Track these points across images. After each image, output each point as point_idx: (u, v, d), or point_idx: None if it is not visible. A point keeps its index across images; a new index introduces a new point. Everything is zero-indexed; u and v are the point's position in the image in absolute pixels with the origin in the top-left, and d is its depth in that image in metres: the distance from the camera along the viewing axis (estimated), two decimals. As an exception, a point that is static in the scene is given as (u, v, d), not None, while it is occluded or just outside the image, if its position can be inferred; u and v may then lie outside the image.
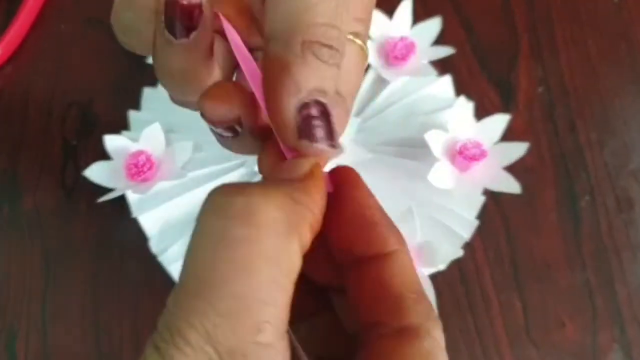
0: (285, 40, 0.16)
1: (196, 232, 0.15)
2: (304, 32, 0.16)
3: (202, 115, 0.18)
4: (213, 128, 0.19)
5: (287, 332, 0.15)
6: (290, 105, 0.16)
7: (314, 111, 0.16)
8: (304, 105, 0.16)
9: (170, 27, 0.17)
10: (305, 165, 0.17)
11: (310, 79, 0.16)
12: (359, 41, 0.19)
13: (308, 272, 0.18)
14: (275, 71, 0.16)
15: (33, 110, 0.45)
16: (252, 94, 0.18)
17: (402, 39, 0.41)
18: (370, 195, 0.18)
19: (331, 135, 0.16)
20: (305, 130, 0.16)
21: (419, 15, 0.43)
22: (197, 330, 0.13)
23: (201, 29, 0.17)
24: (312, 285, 0.19)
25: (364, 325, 0.16)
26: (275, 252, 0.14)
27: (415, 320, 0.16)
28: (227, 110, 0.18)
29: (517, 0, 0.48)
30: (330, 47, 0.16)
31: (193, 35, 0.17)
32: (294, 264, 0.15)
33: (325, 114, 0.16)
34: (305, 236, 0.15)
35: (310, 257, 0.16)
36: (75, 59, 0.47)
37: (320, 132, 0.16)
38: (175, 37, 0.17)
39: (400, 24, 0.42)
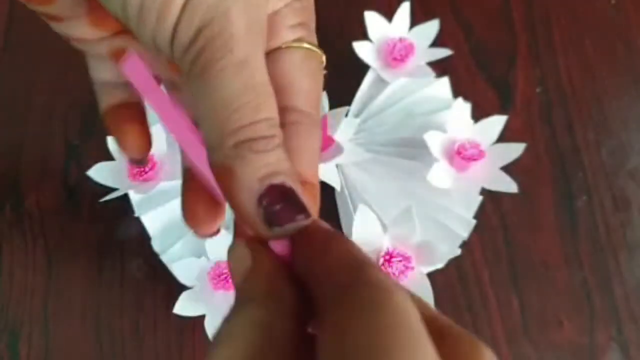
0: (220, 149, 0.17)
1: None
2: (233, 137, 0.17)
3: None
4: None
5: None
6: (249, 204, 0.16)
7: (272, 196, 0.16)
8: (262, 196, 0.16)
9: None
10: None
11: (256, 172, 0.16)
12: (305, 44, 0.20)
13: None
14: (223, 178, 0.17)
15: (35, 110, 0.46)
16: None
17: (401, 40, 0.42)
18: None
19: (300, 209, 0.17)
20: (271, 219, 0.16)
21: (417, 17, 0.43)
22: None
23: None
24: None
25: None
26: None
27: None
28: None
29: (516, 2, 0.48)
30: (262, 137, 0.17)
31: None
32: None
33: (286, 192, 0.17)
34: None
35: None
36: (77, 59, 0.47)
37: (285, 214, 0.17)
38: None
39: (399, 25, 0.43)
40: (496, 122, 0.40)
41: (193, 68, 0.17)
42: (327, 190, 0.38)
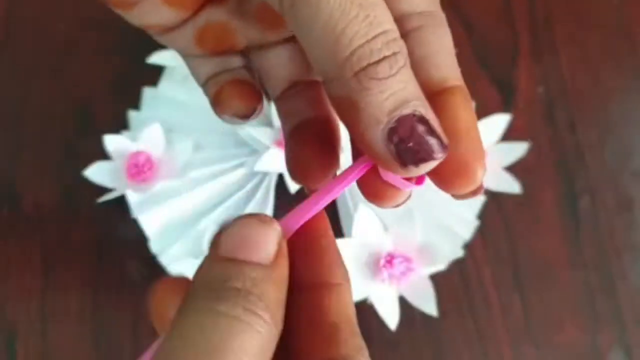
0: (338, 80, 0.15)
1: None
2: (350, 64, 0.14)
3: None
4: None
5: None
6: (378, 141, 0.14)
7: (404, 129, 0.14)
8: (392, 130, 0.14)
9: None
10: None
11: (383, 104, 0.14)
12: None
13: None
14: (346, 113, 0.15)
15: (33, 110, 0.45)
16: None
17: (402, 38, 0.41)
18: (328, 227, 0.17)
19: (437, 140, 0.15)
20: (404, 157, 0.14)
21: (419, 15, 0.43)
22: None
23: None
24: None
25: (296, 355, 0.16)
26: None
27: (345, 352, 0.15)
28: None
29: (517, 0, 0.48)
30: (383, 58, 0.14)
31: None
32: None
33: (418, 122, 0.14)
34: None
35: None
36: (74, 58, 0.47)
37: (420, 151, 0.14)
38: None
39: (400, 23, 0.42)
40: (499, 121, 0.39)
41: None
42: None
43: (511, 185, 0.38)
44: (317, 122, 0.20)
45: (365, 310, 0.36)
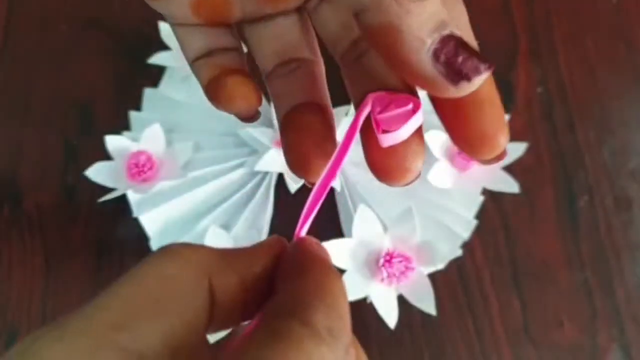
0: (377, 7, 0.15)
1: None
2: None
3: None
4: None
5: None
6: (425, 62, 0.15)
7: (448, 49, 0.15)
8: (437, 50, 0.15)
9: None
10: None
11: (424, 25, 0.15)
12: None
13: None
14: (387, 40, 0.15)
15: (34, 110, 0.46)
16: None
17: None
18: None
19: (478, 58, 0.15)
20: (455, 75, 0.15)
21: (418, 16, 0.43)
22: None
23: None
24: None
25: None
26: None
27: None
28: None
29: (516, 1, 0.48)
30: None
31: None
32: None
33: (458, 43, 0.15)
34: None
35: None
36: (75, 59, 0.47)
37: (469, 64, 0.15)
38: None
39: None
40: (497, 122, 0.39)
41: None
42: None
43: (510, 185, 0.38)
44: (311, 110, 0.20)
45: (364, 309, 0.36)
